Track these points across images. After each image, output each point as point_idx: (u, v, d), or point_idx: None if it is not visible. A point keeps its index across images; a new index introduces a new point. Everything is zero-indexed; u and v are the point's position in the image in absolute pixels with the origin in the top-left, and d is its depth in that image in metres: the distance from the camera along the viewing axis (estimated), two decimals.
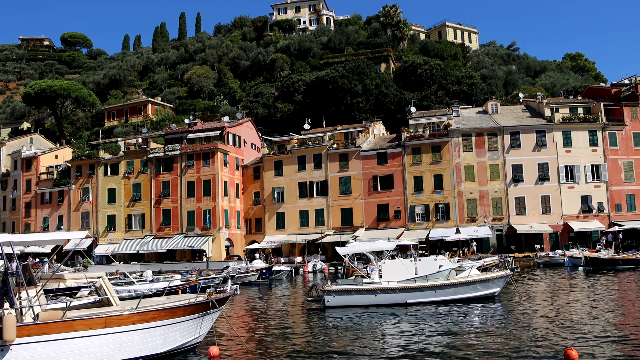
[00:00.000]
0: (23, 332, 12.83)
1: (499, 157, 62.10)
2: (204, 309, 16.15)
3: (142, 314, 14.57)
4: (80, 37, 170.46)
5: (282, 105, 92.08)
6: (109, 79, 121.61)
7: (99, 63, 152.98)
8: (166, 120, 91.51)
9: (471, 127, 63.35)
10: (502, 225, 61.18)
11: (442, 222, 61.92)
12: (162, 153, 68.00)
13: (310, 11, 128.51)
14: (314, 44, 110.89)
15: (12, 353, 12.69)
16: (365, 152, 65.48)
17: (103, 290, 15.46)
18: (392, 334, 18.75)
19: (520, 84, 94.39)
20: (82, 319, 13.70)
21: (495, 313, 22.61)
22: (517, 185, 61.44)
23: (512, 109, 68.68)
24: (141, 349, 14.54)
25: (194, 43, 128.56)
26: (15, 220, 75.97)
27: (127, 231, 68.64)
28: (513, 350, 15.23)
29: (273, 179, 68.46)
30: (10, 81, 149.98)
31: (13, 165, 78.39)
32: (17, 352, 12.73)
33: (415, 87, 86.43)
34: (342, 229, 64.19)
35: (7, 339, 12.49)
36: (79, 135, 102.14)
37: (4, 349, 12.60)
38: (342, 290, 25.64)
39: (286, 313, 25.78)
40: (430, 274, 26.11)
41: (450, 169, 62.37)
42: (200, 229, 64.94)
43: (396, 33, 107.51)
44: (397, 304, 25.24)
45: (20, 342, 12.75)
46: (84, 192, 70.94)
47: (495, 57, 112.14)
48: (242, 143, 72.58)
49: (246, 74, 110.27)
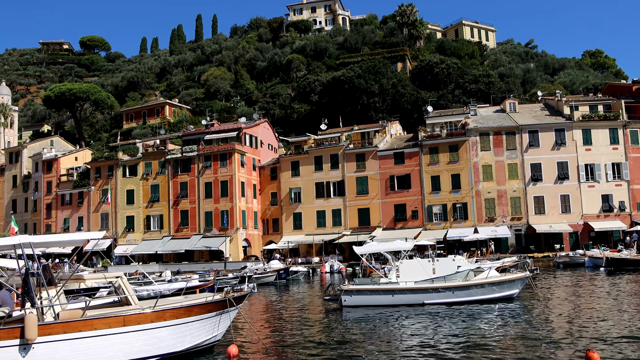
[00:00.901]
0: (44, 331, 13.01)
1: (518, 156, 61.59)
2: (222, 307, 16.21)
3: (160, 312, 14.66)
4: (98, 40, 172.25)
5: (298, 105, 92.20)
6: (127, 82, 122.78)
7: (117, 66, 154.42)
8: (183, 122, 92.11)
9: (489, 126, 62.91)
10: (521, 225, 60.66)
11: (460, 222, 61.56)
12: (180, 154, 68.43)
13: (326, 11, 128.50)
14: (330, 44, 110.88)
15: (34, 352, 12.87)
16: (382, 152, 65.32)
17: (122, 289, 15.60)
18: (409, 334, 18.67)
19: (539, 82, 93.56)
20: (101, 318, 13.83)
21: (514, 314, 22.40)
22: (536, 185, 60.88)
23: (531, 108, 68.09)
24: (160, 347, 14.64)
25: (210, 45, 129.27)
26: (36, 222, 76.97)
27: (146, 232, 69.18)
28: (533, 353, 15.06)
29: (290, 180, 68.56)
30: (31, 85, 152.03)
31: (34, 168, 79.41)
32: (38, 351, 12.91)
33: (432, 86, 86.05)
34: (359, 229, 64.09)
35: (28, 337, 12.68)
36: (98, 137, 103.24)
37: (26, 347, 12.80)
38: (359, 290, 25.59)
39: (304, 313, 25.79)
40: (448, 274, 25.95)
41: (467, 169, 61.98)
42: (218, 230, 65.24)
43: (412, 32, 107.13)
44: (415, 304, 25.13)
45: (41, 341, 12.93)
46: (103, 193, 71.64)
47: (512, 55, 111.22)
48: (259, 144, 72.79)
49: (262, 75, 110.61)
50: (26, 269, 13.74)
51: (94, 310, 14.94)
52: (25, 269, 13.73)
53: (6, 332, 12.77)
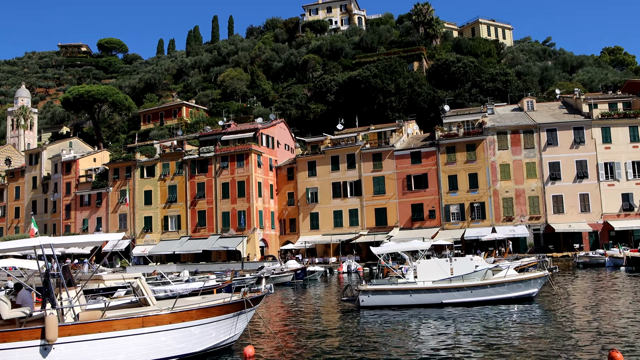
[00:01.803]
0: (64, 331, 13.12)
1: (536, 154, 61.05)
2: (239, 308, 16.25)
3: (179, 313, 14.73)
4: (116, 42, 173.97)
5: (314, 105, 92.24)
6: (144, 83, 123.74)
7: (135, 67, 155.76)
8: (200, 123, 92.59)
9: (506, 124, 62.44)
10: (540, 224, 60.11)
11: (478, 221, 61.17)
12: (197, 155, 68.78)
13: (342, 11, 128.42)
14: (346, 44, 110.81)
15: (54, 352, 12.99)
16: (398, 151, 65.11)
17: (140, 290, 15.70)
18: (428, 334, 18.57)
19: (557, 80, 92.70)
20: (120, 319, 13.93)
21: (533, 314, 22.19)
22: (554, 184, 60.30)
23: (549, 106, 67.46)
24: (178, 348, 14.72)
25: (226, 46, 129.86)
26: (56, 222, 77.82)
27: (164, 232, 69.63)
28: (553, 353, 14.90)
29: (307, 180, 68.59)
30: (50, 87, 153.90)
31: (53, 169, 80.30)
32: (59, 351, 13.03)
33: (449, 85, 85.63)
34: (376, 229, 63.94)
35: (49, 338, 12.81)
36: (116, 139, 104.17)
37: (47, 347, 12.92)
38: (377, 290, 25.50)
39: (321, 313, 25.77)
40: (466, 274, 25.78)
41: (485, 168, 61.56)
42: (235, 230, 65.46)
43: (429, 31, 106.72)
44: (433, 304, 24.99)
45: (61, 342, 13.05)
46: (121, 194, 72.23)
47: (530, 53, 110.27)
48: (276, 144, 72.93)
49: (279, 76, 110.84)
50: (46, 269, 13.87)
51: (113, 311, 15.05)
52: (46, 270, 13.87)
53: (27, 333, 12.91)
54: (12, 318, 13.74)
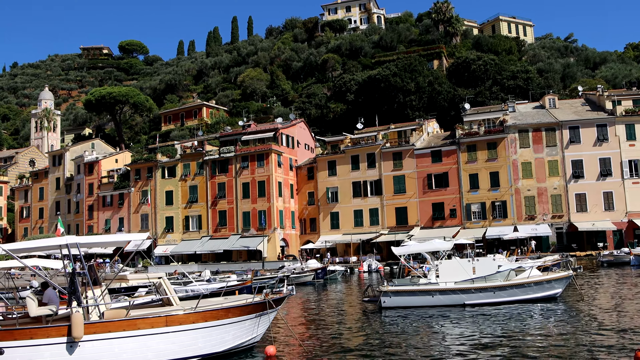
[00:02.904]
0: (90, 329, 13.31)
1: (558, 152, 60.36)
2: (261, 309, 16.31)
3: (202, 313, 14.83)
4: (137, 44, 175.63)
5: (334, 105, 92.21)
6: (164, 84, 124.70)
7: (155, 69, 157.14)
8: (221, 123, 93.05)
9: (528, 122, 61.84)
10: (562, 223, 59.43)
11: (499, 220, 60.65)
12: (218, 155, 69.13)
13: (361, 10, 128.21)
14: (365, 43, 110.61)
15: (80, 349, 13.18)
16: (419, 150, 64.82)
17: (163, 289, 15.82)
18: (451, 336, 18.46)
19: (579, 77, 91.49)
20: (144, 318, 14.07)
21: (557, 315, 21.93)
22: (577, 182, 59.57)
23: (571, 103, 66.66)
24: (200, 348, 14.81)
25: (246, 46, 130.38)
26: (79, 223, 78.78)
27: (185, 232, 70.12)
28: (578, 354, 14.71)
29: (327, 179, 68.59)
30: (72, 89, 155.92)
31: (76, 170, 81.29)
32: (84, 349, 13.23)
33: (469, 84, 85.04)
34: (396, 228, 63.72)
35: (75, 336, 13.00)
36: (137, 140, 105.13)
37: (73, 345, 13.12)
38: (398, 291, 25.39)
39: (342, 313, 25.75)
40: (488, 274, 25.54)
41: (506, 166, 61.03)
42: (256, 230, 65.69)
43: (448, 29, 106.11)
44: (455, 305, 24.81)
45: (87, 339, 13.23)
46: (142, 194, 72.89)
47: (552, 49, 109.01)
48: (296, 144, 73.03)
49: (298, 75, 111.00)
50: (73, 268, 14.07)
51: (136, 310, 15.20)
52: (72, 269, 14.07)
53: (54, 330, 13.12)
54: (39, 315, 13.97)
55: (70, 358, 13.12)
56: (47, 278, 15.79)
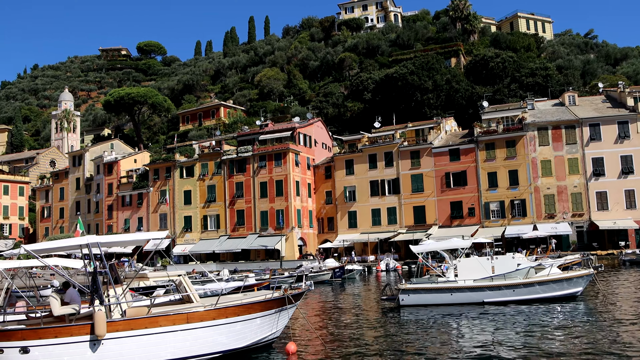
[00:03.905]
0: (112, 327, 13.47)
1: (578, 150, 59.70)
2: (281, 304, 16.40)
3: (222, 310, 14.95)
4: (154, 45, 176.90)
5: (351, 104, 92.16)
6: (182, 85, 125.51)
7: (173, 69, 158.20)
8: (238, 123, 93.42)
9: (547, 120, 61.25)
10: (583, 222, 58.77)
11: (518, 218, 60.16)
12: (235, 155, 69.42)
13: (378, 9, 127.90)
14: (382, 41, 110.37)
15: (103, 347, 13.35)
16: (436, 148, 64.53)
17: (183, 287, 15.97)
18: (470, 334, 18.38)
19: (600, 74, 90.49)
20: (166, 315, 14.20)
21: (578, 314, 21.72)
22: (598, 180, 58.86)
23: (591, 100, 65.88)
24: (221, 344, 14.93)
25: (263, 46, 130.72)
26: (98, 222, 79.59)
27: (203, 231, 70.52)
28: (599, 354, 14.56)
29: (344, 178, 68.55)
30: (91, 90, 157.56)
31: (96, 170, 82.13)
32: (107, 347, 13.40)
33: (487, 81, 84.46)
34: (414, 227, 63.51)
35: (98, 333, 13.17)
36: (155, 140, 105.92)
37: (96, 343, 13.30)
38: (417, 289, 25.33)
39: (360, 311, 25.75)
40: (508, 272, 25.39)
41: (525, 164, 60.52)
42: (274, 229, 65.87)
43: (466, 27, 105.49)
44: (474, 303, 24.69)
45: (110, 337, 13.39)
46: (161, 194, 73.43)
47: (571, 46, 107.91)
48: (313, 143, 73.08)
49: (315, 75, 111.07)
50: (94, 268, 14.24)
51: (157, 308, 15.35)
52: (94, 268, 14.25)
53: (77, 328, 13.29)
54: (62, 314, 14.15)
55: (94, 356, 13.29)
56: (68, 277, 15.99)
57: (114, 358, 13.47)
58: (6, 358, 13.07)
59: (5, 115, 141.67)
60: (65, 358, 13.14)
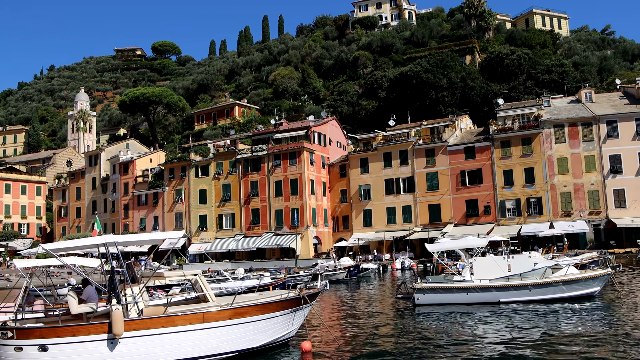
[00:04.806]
0: (129, 326, 13.56)
1: (595, 147, 59.11)
2: (296, 304, 16.39)
3: (238, 309, 14.98)
4: (169, 45, 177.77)
5: (366, 102, 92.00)
6: (197, 84, 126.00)
7: (188, 69, 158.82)
8: (253, 122, 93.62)
9: (563, 117, 60.70)
10: (600, 220, 58.18)
11: (535, 217, 59.71)
12: (250, 154, 69.60)
13: (392, 6, 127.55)
14: (396, 39, 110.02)
15: (120, 346, 13.45)
16: (452, 146, 64.23)
17: (199, 286, 16.02)
18: (486, 334, 18.26)
19: (617, 70, 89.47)
20: (182, 315, 14.27)
21: (595, 314, 21.49)
22: (615, 177, 58.24)
23: (608, 97, 65.18)
24: (237, 344, 14.96)
25: (277, 45, 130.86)
26: (115, 222, 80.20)
27: (218, 230, 70.79)
28: (617, 355, 14.40)
29: (359, 177, 68.47)
30: (107, 90, 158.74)
31: (112, 170, 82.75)
32: (124, 345, 13.49)
33: (503, 79, 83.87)
34: (430, 226, 63.31)
35: (116, 332, 13.27)
36: (170, 139, 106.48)
37: (113, 341, 13.40)
38: (432, 288, 25.21)
39: (376, 310, 25.69)
40: (524, 271, 25.17)
41: (542, 162, 60.04)
42: (289, 228, 65.95)
43: (481, 24, 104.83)
44: (490, 302, 24.52)
45: (127, 336, 13.48)
46: (176, 193, 73.82)
47: (587, 42, 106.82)
48: (328, 141, 73.06)
49: (329, 73, 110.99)
50: (112, 267, 14.35)
51: (174, 307, 15.42)
52: (111, 267, 14.36)
53: (95, 327, 13.41)
54: (79, 313, 14.28)
55: (111, 354, 13.40)
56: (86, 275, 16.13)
57: (130, 356, 13.56)
58: (25, 356, 13.22)
59: (23, 116, 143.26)
60: (82, 356, 13.27)
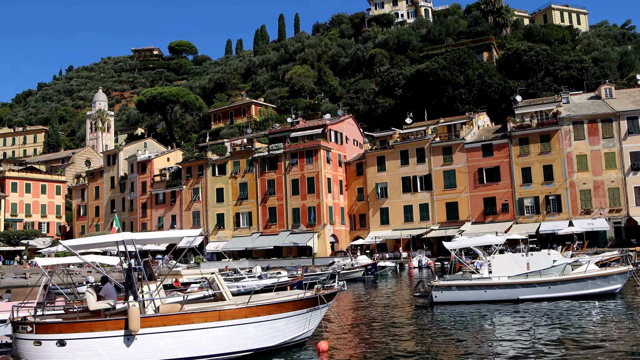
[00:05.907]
0: (146, 323, 13.63)
1: (615, 144, 58.29)
2: (313, 304, 16.34)
3: (254, 308, 14.98)
4: (186, 44, 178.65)
5: (382, 100, 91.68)
6: (213, 83, 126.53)
7: (204, 68, 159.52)
8: (269, 120, 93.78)
9: (583, 113, 59.96)
10: (620, 217, 57.39)
11: (553, 214, 59.06)
12: (267, 152, 69.71)
13: (408, 4, 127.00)
14: (413, 36, 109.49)
15: (137, 342, 13.55)
16: (469, 144, 63.76)
17: (216, 285, 16.05)
18: (505, 331, 18.09)
19: (638, 65, 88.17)
20: (198, 312, 14.31)
21: (616, 311, 21.20)
22: (636, 174, 57.39)
23: (629, 93, 64.24)
24: (253, 342, 14.96)
25: (293, 43, 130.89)
26: (133, 220, 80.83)
27: (235, 229, 71.01)
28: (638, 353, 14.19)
29: (376, 175, 68.26)
30: (125, 90, 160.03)
31: (130, 169, 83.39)
32: (141, 342, 13.58)
33: (521, 75, 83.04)
34: (447, 224, 62.92)
35: (132, 329, 13.36)
36: (187, 138, 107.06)
37: (130, 338, 13.49)
38: (450, 286, 25.05)
39: (393, 309, 25.59)
40: (543, 269, 24.92)
41: (560, 159, 59.37)
42: (306, 226, 65.96)
43: (498, 20, 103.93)
44: (508, 300, 24.30)
45: (143, 333, 13.56)
46: (194, 192, 74.19)
47: (607, 37, 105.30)
48: (344, 140, 72.93)
49: (346, 71, 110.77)
50: (129, 264, 14.43)
51: (190, 305, 15.47)
52: (129, 265, 14.43)
53: (112, 323, 13.51)
54: (97, 309, 14.40)
55: (127, 350, 13.48)
56: (105, 273, 16.26)
57: (146, 353, 13.65)
58: (44, 350, 13.40)
59: (42, 116, 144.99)
60: (99, 351, 13.40)
